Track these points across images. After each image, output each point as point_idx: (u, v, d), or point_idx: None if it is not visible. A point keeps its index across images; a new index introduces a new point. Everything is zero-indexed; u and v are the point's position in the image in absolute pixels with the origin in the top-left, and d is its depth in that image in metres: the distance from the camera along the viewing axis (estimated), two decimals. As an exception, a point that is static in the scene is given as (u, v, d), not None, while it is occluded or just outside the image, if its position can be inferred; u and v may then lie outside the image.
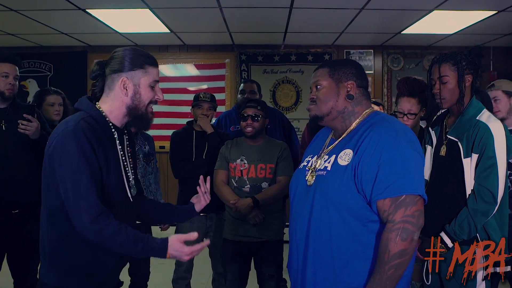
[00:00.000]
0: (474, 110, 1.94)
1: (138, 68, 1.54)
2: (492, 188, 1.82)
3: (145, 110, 1.57)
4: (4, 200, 2.53)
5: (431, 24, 4.48)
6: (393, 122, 1.48)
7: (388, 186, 1.36)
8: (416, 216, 1.36)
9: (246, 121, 2.65)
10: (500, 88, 2.56)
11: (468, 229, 1.84)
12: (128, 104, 1.54)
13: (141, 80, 1.54)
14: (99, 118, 1.52)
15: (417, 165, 1.42)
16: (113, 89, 1.54)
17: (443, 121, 2.09)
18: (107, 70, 1.55)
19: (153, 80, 1.57)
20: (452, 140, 1.95)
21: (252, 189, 2.63)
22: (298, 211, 1.56)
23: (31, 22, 4.44)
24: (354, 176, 1.41)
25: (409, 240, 1.34)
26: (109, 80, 1.55)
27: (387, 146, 1.39)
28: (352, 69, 1.56)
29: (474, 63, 1.96)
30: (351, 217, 1.42)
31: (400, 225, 1.34)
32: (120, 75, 1.53)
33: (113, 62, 1.55)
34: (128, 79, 1.53)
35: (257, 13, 4.23)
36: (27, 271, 2.69)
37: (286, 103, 5.66)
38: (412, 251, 1.36)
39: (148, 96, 1.56)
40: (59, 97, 3.16)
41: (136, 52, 1.57)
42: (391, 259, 1.33)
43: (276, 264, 2.69)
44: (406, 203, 1.36)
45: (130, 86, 1.53)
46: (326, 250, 1.45)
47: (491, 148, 1.83)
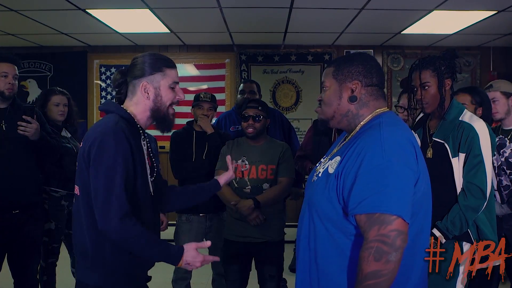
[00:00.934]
0: (456, 111, 2.02)
1: (157, 71, 1.61)
2: (480, 184, 1.90)
3: (166, 111, 1.65)
4: (4, 200, 2.53)
5: (431, 24, 4.48)
6: (386, 129, 1.32)
7: (362, 200, 1.24)
8: (392, 236, 1.21)
9: (247, 122, 2.64)
10: (499, 89, 2.56)
11: (460, 224, 1.91)
12: (151, 107, 1.62)
13: (161, 83, 1.61)
14: (130, 119, 1.60)
15: (400, 180, 1.25)
16: (135, 94, 1.62)
17: (425, 123, 2.15)
18: (129, 77, 1.63)
19: (172, 81, 1.64)
20: (438, 142, 2.02)
21: (253, 190, 2.63)
22: (300, 213, 1.52)
23: (31, 22, 4.44)
24: (336, 186, 1.32)
25: (383, 261, 1.20)
26: (131, 86, 1.63)
27: (368, 155, 1.27)
28: (359, 66, 1.42)
29: (451, 66, 2.05)
30: (333, 228, 1.33)
31: (373, 244, 1.21)
32: (140, 80, 1.60)
33: (133, 69, 1.63)
34: (148, 83, 1.60)
35: (257, 13, 4.23)
36: (27, 271, 2.70)
37: (286, 103, 5.66)
38: (390, 272, 1.20)
39: (169, 98, 1.64)
40: (65, 97, 3.17)
41: (154, 56, 1.64)
42: (363, 279, 1.21)
43: (277, 265, 2.69)
44: (381, 221, 1.22)
45: (150, 89, 1.60)
46: (312, 260, 1.39)
47: (477, 146, 1.91)
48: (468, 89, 2.52)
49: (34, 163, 2.73)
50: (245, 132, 2.68)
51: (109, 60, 5.63)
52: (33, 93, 5.62)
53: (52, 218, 3.02)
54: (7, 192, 2.53)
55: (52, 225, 3.02)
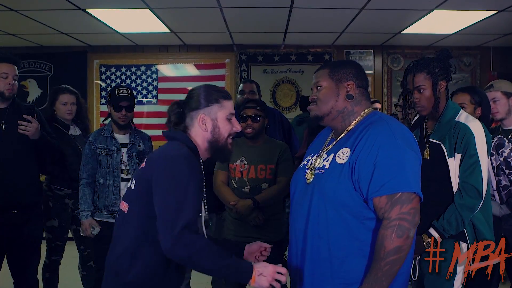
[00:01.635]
0: (452, 112, 2.03)
1: (213, 103, 1.61)
2: (476, 184, 1.91)
3: (225, 142, 1.63)
4: (4, 200, 2.53)
5: (431, 24, 4.48)
6: (391, 122, 1.49)
7: (384, 184, 1.38)
8: (411, 213, 1.38)
9: (246, 122, 2.64)
10: (500, 89, 2.56)
11: (456, 224, 1.91)
12: (209, 139, 1.61)
13: (218, 114, 1.61)
14: (195, 150, 1.59)
15: (413, 164, 1.44)
16: (193, 126, 1.61)
17: (422, 124, 2.16)
18: (186, 109, 1.63)
19: (229, 113, 1.63)
20: (434, 143, 2.03)
21: (252, 190, 2.62)
22: (297, 209, 1.58)
23: (31, 22, 4.44)
24: (351, 174, 1.43)
25: (405, 237, 1.36)
26: (188, 118, 1.62)
27: (383, 145, 1.41)
28: (352, 69, 1.58)
29: (446, 67, 2.05)
30: (348, 214, 1.44)
31: (396, 222, 1.36)
32: (198, 112, 1.60)
33: (190, 101, 1.63)
34: (205, 115, 1.60)
35: (257, 13, 4.23)
36: (27, 271, 2.70)
37: (286, 103, 5.66)
38: (408, 247, 1.37)
39: (227, 129, 1.62)
40: (73, 96, 3.18)
41: (210, 88, 1.64)
42: (386, 256, 1.35)
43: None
44: (402, 200, 1.38)
45: (208, 121, 1.60)
46: (323, 247, 1.47)
47: (473, 146, 1.92)
48: (467, 89, 2.52)
49: (34, 163, 2.73)
50: (243, 132, 2.68)
51: (109, 60, 5.63)
52: (33, 93, 5.63)
53: (55, 216, 3.04)
54: (7, 192, 2.53)
55: (55, 222, 3.04)
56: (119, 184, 2.75)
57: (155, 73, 5.61)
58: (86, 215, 2.71)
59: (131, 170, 2.79)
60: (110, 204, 2.74)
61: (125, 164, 2.78)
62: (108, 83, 5.65)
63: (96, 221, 2.74)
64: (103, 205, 2.75)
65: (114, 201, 2.74)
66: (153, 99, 5.64)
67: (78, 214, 2.75)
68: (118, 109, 2.74)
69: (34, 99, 5.60)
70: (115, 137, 2.80)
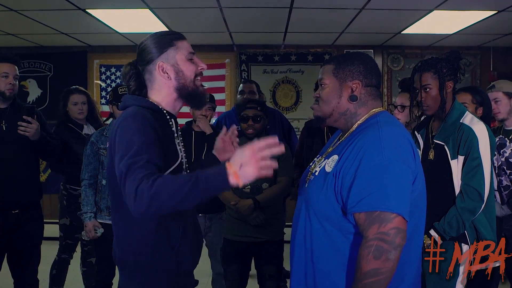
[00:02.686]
0: (457, 114, 2.02)
1: (168, 47, 1.47)
2: (478, 187, 1.90)
3: (194, 85, 1.49)
4: (4, 200, 2.53)
5: (431, 24, 4.48)
6: (384, 128, 1.33)
7: (362, 199, 1.24)
8: (391, 234, 1.22)
9: (246, 123, 2.65)
10: (501, 89, 2.56)
11: (456, 226, 1.92)
12: (175, 86, 1.47)
13: (177, 57, 1.47)
14: (153, 106, 1.46)
15: (399, 179, 1.26)
16: (155, 80, 1.48)
17: (428, 124, 2.16)
18: (140, 66, 1.50)
19: (188, 52, 1.49)
20: (438, 144, 2.02)
21: (252, 190, 2.63)
22: (295, 213, 1.52)
23: (31, 22, 4.44)
24: (334, 185, 1.32)
25: (383, 259, 1.20)
26: (147, 74, 1.49)
27: (367, 154, 1.27)
28: (360, 66, 1.42)
29: (454, 68, 2.03)
30: (331, 227, 1.33)
31: (373, 242, 1.22)
32: (154, 62, 1.46)
33: (142, 55, 1.49)
34: (164, 62, 1.46)
35: (257, 13, 4.23)
36: (27, 271, 2.70)
37: (286, 103, 5.66)
38: (388, 271, 1.22)
39: (191, 70, 1.48)
40: (83, 96, 3.21)
41: (158, 34, 1.50)
42: (362, 277, 1.22)
43: (277, 264, 2.69)
44: (381, 219, 1.22)
45: (169, 68, 1.46)
46: (308, 259, 1.38)
47: (476, 149, 1.91)
48: (468, 89, 2.53)
49: (34, 163, 2.73)
50: (244, 133, 2.68)
51: (109, 60, 5.63)
52: (33, 93, 5.62)
53: (68, 215, 3.09)
54: (7, 192, 2.53)
55: (67, 221, 3.10)
56: None
57: (155, 73, 5.61)
58: (89, 216, 2.71)
59: None
60: None
61: None
62: (108, 83, 5.64)
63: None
64: (105, 207, 2.73)
65: None
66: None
67: (81, 216, 2.74)
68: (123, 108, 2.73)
69: (34, 99, 5.60)
70: None
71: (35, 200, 2.73)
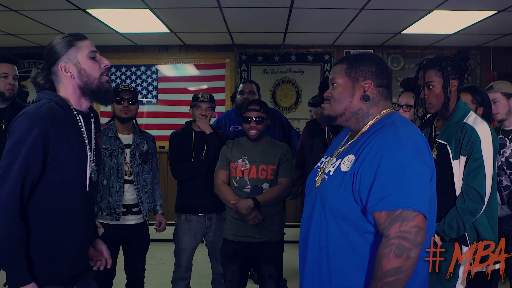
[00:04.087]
0: (461, 113, 2.00)
1: (68, 47, 1.55)
2: (479, 188, 1.88)
3: (98, 83, 1.58)
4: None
5: (431, 24, 4.48)
6: (402, 128, 1.35)
7: (383, 197, 1.26)
8: (413, 232, 1.24)
9: (249, 124, 2.64)
10: (500, 90, 2.57)
11: (457, 227, 1.90)
12: (78, 84, 1.56)
13: (78, 57, 1.56)
14: (62, 103, 1.53)
15: (419, 177, 1.29)
16: (60, 79, 1.56)
17: (432, 124, 2.14)
18: (46, 68, 1.58)
19: (89, 51, 1.58)
20: (441, 144, 2.00)
21: (252, 190, 2.63)
22: (304, 212, 1.52)
23: (31, 22, 4.44)
24: (352, 184, 1.33)
25: (404, 257, 1.23)
26: (53, 75, 1.57)
27: (387, 153, 1.28)
28: (372, 66, 1.44)
29: (460, 67, 2.01)
30: (348, 226, 1.34)
31: (394, 240, 1.24)
32: (57, 63, 1.55)
33: (46, 58, 1.57)
34: (65, 62, 1.54)
35: (257, 13, 4.23)
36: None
37: (286, 103, 5.66)
38: (409, 269, 1.24)
39: (95, 69, 1.58)
40: None
41: (60, 37, 1.59)
42: (383, 276, 1.23)
43: (276, 265, 2.69)
44: (402, 217, 1.24)
45: (71, 67, 1.55)
46: (323, 258, 1.39)
47: (478, 150, 1.88)
48: (468, 89, 2.52)
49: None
50: (246, 134, 2.68)
51: (109, 60, 5.56)
52: (33, 93, 5.62)
53: None
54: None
55: None
56: (122, 185, 2.73)
57: (155, 73, 5.60)
58: None
59: (134, 172, 2.77)
60: (113, 205, 2.71)
61: (128, 165, 2.76)
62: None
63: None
64: (106, 207, 2.72)
65: (117, 203, 2.71)
66: (153, 99, 5.63)
67: None
68: (120, 101, 2.72)
69: (34, 99, 5.59)
70: (119, 137, 2.78)
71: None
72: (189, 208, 2.94)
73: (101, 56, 1.61)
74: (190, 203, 2.94)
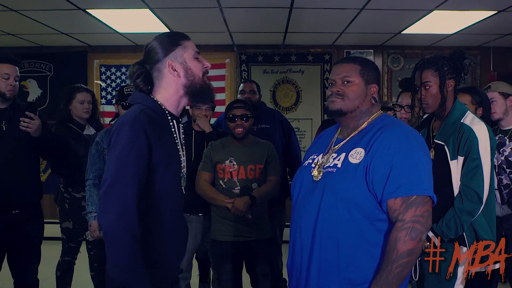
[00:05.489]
0: (458, 113, 2.00)
1: (175, 46, 1.53)
2: (477, 188, 1.88)
3: (202, 82, 1.57)
4: (4, 200, 2.53)
5: (431, 24, 4.48)
6: (404, 125, 1.54)
7: (400, 185, 1.39)
8: (425, 216, 1.39)
9: (235, 122, 2.65)
10: (497, 89, 2.57)
11: (455, 228, 1.90)
12: (184, 84, 1.54)
13: (185, 56, 1.54)
14: (157, 108, 1.52)
15: (427, 167, 1.46)
16: (163, 78, 1.53)
17: (429, 124, 2.14)
18: (148, 66, 1.55)
19: (194, 51, 1.57)
20: (439, 144, 2.00)
21: (242, 191, 2.63)
22: (304, 207, 1.56)
23: (31, 22, 4.44)
24: (365, 175, 1.44)
25: (418, 239, 1.37)
26: (155, 72, 1.54)
27: (400, 147, 1.43)
28: (376, 72, 1.62)
29: (456, 67, 2.01)
30: (359, 215, 1.44)
31: (410, 224, 1.37)
32: (163, 61, 1.52)
33: (150, 54, 1.55)
34: (173, 61, 1.52)
35: (257, 13, 4.23)
36: (27, 271, 2.70)
37: (286, 103, 5.66)
38: (419, 250, 1.38)
39: (199, 67, 1.56)
40: (89, 94, 3.16)
41: (166, 34, 1.57)
42: (398, 258, 1.35)
43: (269, 263, 2.69)
44: (417, 203, 1.39)
45: (178, 66, 1.53)
46: (332, 246, 1.46)
47: (476, 150, 1.89)
48: (468, 89, 2.53)
49: (34, 163, 2.73)
50: (232, 133, 2.69)
51: (109, 60, 5.63)
52: (33, 93, 5.63)
53: (70, 218, 3.06)
54: (7, 192, 2.53)
55: (70, 224, 3.07)
56: None
57: (155, 73, 5.60)
58: (94, 216, 2.70)
59: None
60: None
61: None
62: (108, 83, 5.64)
63: None
64: None
65: None
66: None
67: (86, 216, 2.73)
68: (127, 106, 2.72)
69: (34, 99, 5.59)
70: None
71: (35, 200, 2.73)
72: (188, 208, 2.94)
73: (202, 57, 1.61)
74: (190, 203, 2.94)
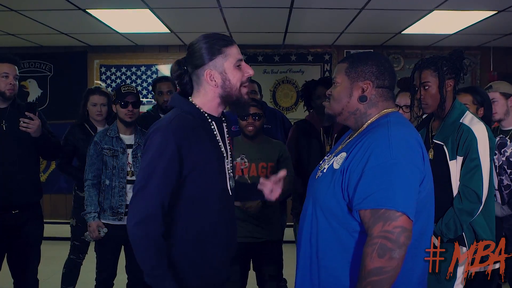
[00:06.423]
0: (457, 113, 1.99)
1: (217, 54, 1.50)
2: (476, 188, 1.87)
3: (239, 93, 1.53)
4: (4, 200, 2.53)
5: (431, 24, 4.48)
6: (394, 128, 1.33)
7: (368, 196, 1.24)
8: (396, 232, 1.21)
9: (247, 120, 2.65)
10: (498, 90, 2.57)
11: (454, 228, 1.90)
12: (220, 94, 1.52)
13: (225, 65, 1.50)
14: (194, 111, 1.51)
15: (406, 178, 1.25)
16: (201, 84, 1.53)
17: (428, 124, 2.13)
18: (189, 67, 1.54)
19: (236, 60, 1.52)
20: (438, 144, 2.00)
21: None
22: (303, 209, 1.53)
23: (31, 22, 4.44)
24: (341, 181, 1.32)
25: (387, 257, 1.20)
26: (194, 77, 1.54)
27: (375, 152, 1.27)
28: (373, 67, 1.41)
29: (455, 67, 2.00)
30: (337, 224, 1.33)
31: (377, 240, 1.21)
32: (203, 68, 1.50)
33: (192, 58, 1.53)
34: (212, 70, 1.50)
35: (257, 13, 4.23)
36: (27, 271, 2.70)
37: (286, 103, 5.66)
38: (393, 269, 1.21)
39: (238, 78, 1.52)
40: (103, 97, 3.17)
41: (210, 38, 1.53)
42: (367, 276, 1.21)
43: (277, 264, 2.69)
44: (385, 217, 1.22)
45: (216, 75, 1.50)
46: (313, 255, 1.39)
47: (475, 150, 1.88)
48: (469, 89, 2.52)
49: (34, 163, 2.73)
50: (244, 131, 2.68)
51: (109, 60, 5.63)
52: (33, 93, 5.62)
53: (74, 216, 3.11)
54: (7, 192, 2.53)
55: (74, 222, 3.13)
56: (125, 185, 2.72)
57: (155, 73, 5.60)
58: (93, 216, 2.70)
59: (136, 172, 2.76)
60: (115, 205, 2.71)
61: (130, 166, 2.76)
62: (108, 83, 5.64)
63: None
64: (109, 207, 2.72)
65: (119, 203, 2.71)
66: (153, 99, 5.63)
67: (85, 216, 2.73)
68: (125, 105, 2.71)
69: (34, 99, 5.59)
70: (121, 138, 2.77)
71: (35, 200, 2.73)
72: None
73: (246, 64, 1.55)
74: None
